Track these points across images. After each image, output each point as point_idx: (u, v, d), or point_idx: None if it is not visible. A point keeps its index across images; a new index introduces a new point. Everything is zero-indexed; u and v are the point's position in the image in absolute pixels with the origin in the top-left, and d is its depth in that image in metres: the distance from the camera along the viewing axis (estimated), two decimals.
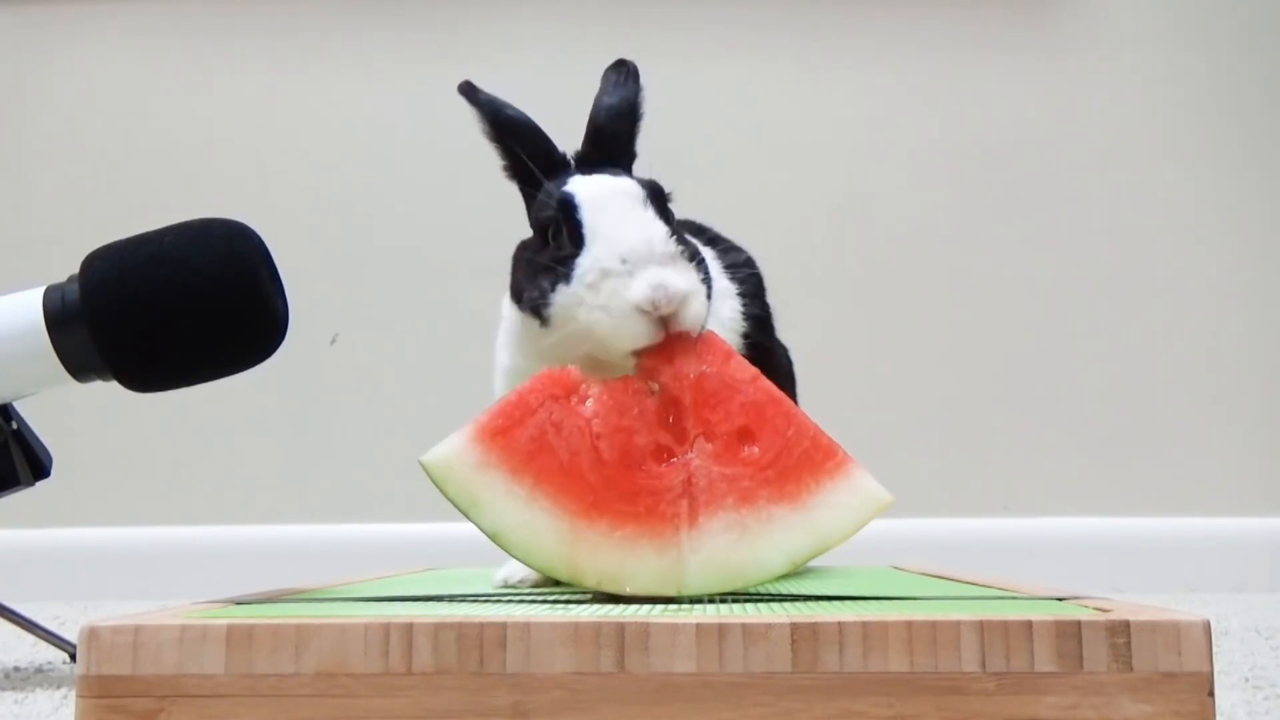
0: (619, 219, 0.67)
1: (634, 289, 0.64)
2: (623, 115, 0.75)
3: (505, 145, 0.73)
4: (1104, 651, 0.46)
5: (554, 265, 0.67)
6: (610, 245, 0.66)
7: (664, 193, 0.71)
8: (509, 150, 0.73)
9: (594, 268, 0.65)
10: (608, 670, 0.47)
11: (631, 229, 0.66)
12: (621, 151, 0.75)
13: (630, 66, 0.78)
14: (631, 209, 0.67)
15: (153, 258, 0.76)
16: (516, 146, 0.73)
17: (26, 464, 0.86)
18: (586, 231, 0.67)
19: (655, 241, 0.66)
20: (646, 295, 0.63)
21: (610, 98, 0.76)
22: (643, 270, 0.64)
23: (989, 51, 1.83)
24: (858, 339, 1.75)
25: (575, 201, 0.68)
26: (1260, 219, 1.79)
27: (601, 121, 0.75)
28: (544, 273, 0.68)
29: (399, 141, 1.82)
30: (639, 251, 0.65)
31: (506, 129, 0.73)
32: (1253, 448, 1.74)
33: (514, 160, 0.73)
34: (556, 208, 0.68)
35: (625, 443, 0.61)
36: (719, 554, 0.59)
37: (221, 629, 0.48)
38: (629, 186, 0.69)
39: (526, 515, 0.59)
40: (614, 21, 1.82)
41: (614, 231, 0.66)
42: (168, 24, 1.85)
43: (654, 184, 0.71)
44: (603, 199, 0.68)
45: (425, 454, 0.61)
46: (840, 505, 0.60)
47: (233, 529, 1.72)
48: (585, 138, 0.75)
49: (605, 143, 0.74)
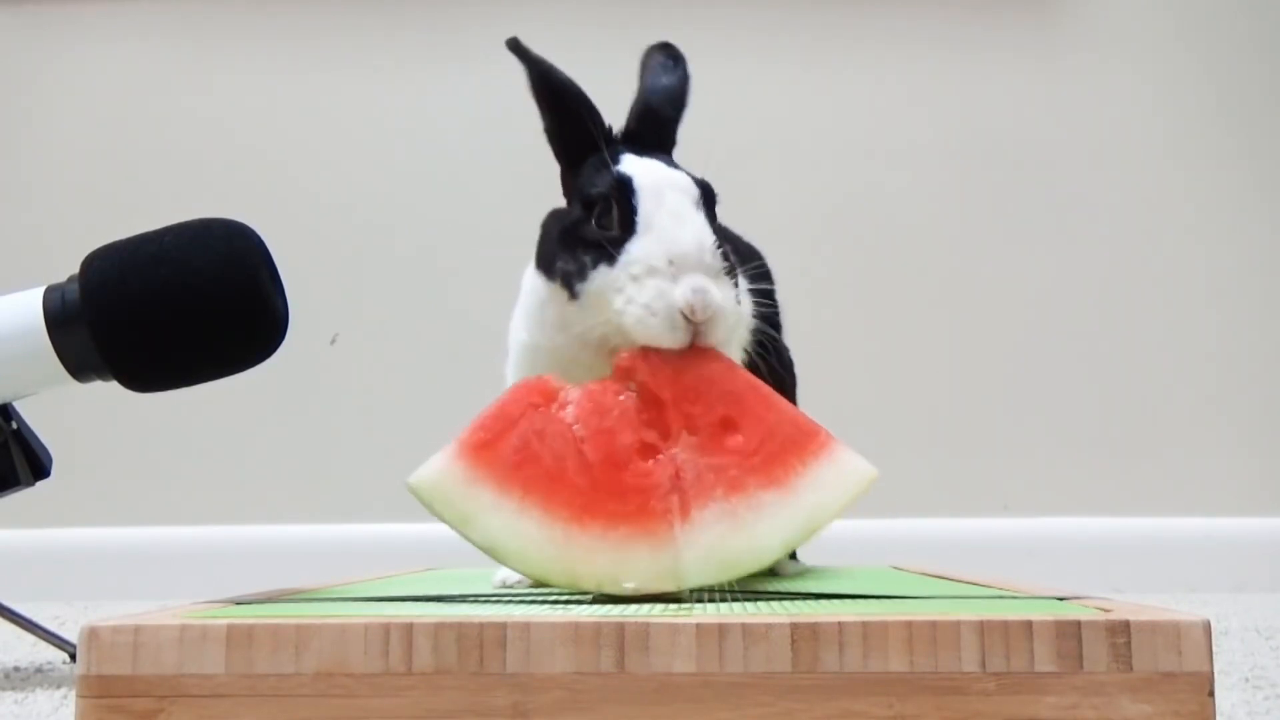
0: (673, 216, 0.66)
1: (678, 292, 0.63)
2: (673, 99, 0.75)
3: (551, 108, 0.72)
4: (1104, 651, 0.46)
5: (601, 244, 0.67)
6: (662, 242, 0.65)
7: (715, 196, 0.70)
8: (554, 114, 0.72)
9: (643, 259, 0.65)
10: (608, 670, 0.47)
11: (685, 230, 0.66)
12: (668, 136, 0.74)
13: (677, 51, 0.77)
14: (686, 207, 0.67)
15: (153, 258, 0.76)
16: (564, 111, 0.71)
17: (26, 464, 0.86)
18: (640, 220, 0.66)
19: (705, 250, 0.65)
20: (688, 300, 0.63)
21: (665, 79, 0.75)
22: (687, 276, 0.64)
23: (989, 51, 1.83)
24: (857, 338, 1.75)
25: (633, 185, 0.67)
26: (1260, 219, 1.79)
27: (654, 103, 0.74)
28: (587, 248, 0.67)
29: (399, 141, 1.82)
30: (689, 256, 0.65)
31: (556, 92, 0.71)
32: (1252, 448, 1.74)
33: (558, 125, 0.72)
34: (613, 186, 0.67)
35: (610, 444, 0.61)
36: (714, 545, 0.59)
37: (221, 629, 0.48)
38: (685, 182, 0.69)
39: (519, 526, 0.59)
40: (614, 21, 1.82)
41: (667, 228, 0.66)
42: (168, 24, 1.85)
43: (707, 185, 0.70)
44: (660, 190, 0.67)
45: (411, 476, 0.60)
46: (828, 484, 0.60)
47: (233, 529, 1.72)
48: (633, 115, 0.74)
49: (654, 124, 0.74)
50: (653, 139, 0.73)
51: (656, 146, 0.73)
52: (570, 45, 1.80)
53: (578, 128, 0.71)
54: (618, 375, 0.64)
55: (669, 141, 0.75)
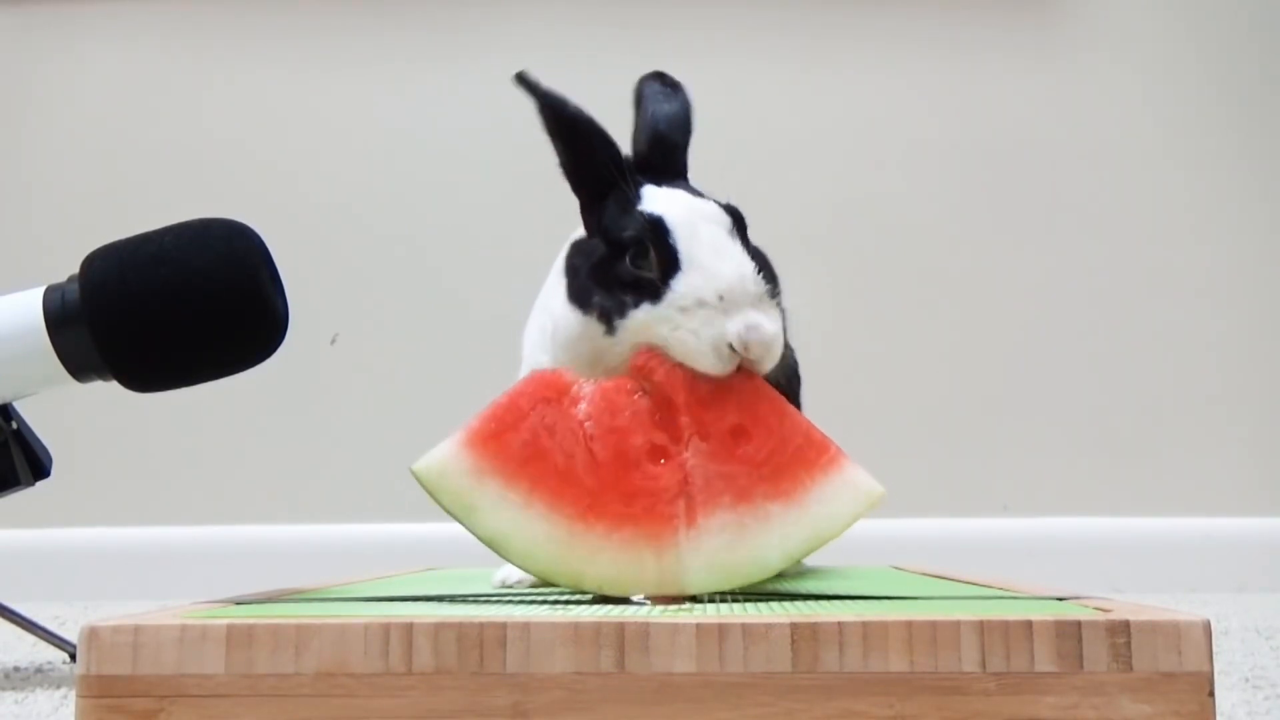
0: (713, 250, 0.65)
1: (730, 327, 0.63)
2: (679, 125, 0.74)
3: (565, 142, 0.71)
4: (1104, 651, 0.46)
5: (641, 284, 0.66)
6: (707, 278, 0.64)
7: (744, 220, 0.70)
8: (568, 148, 0.71)
9: (691, 294, 0.64)
10: (608, 670, 0.47)
11: (727, 263, 0.65)
12: (679, 162, 0.74)
13: (672, 80, 0.77)
14: (722, 239, 0.66)
15: (153, 258, 0.76)
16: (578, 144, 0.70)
17: (26, 464, 0.86)
18: (683, 259, 0.65)
19: (749, 280, 0.65)
20: (741, 336, 0.63)
21: (665, 106, 0.74)
22: (738, 311, 0.64)
23: (988, 51, 1.83)
24: (857, 338, 1.75)
25: (666, 225, 0.66)
26: (1260, 219, 1.79)
27: (663, 129, 0.73)
28: (625, 288, 0.66)
29: (400, 141, 1.82)
30: (735, 290, 0.64)
31: (569, 126, 0.70)
32: (1253, 448, 1.74)
33: (573, 159, 0.71)
34: (646, 228, 0.66)
35: (620, 444, 0.61)
36: (719, 553, 0.59)
37: (221, 629, 0.48)
38: (715, 213, 0.68)
39: (523, 521, 0.59)
40: (614, 22, 1.82)
41: (710, 263, 0.65)
42: (168, 24, 1.85)
43: (736, 210, 0.69)
44: (693, 225, 0.66)
45: (416, 462, 0.60)
46: (835, 500, 0.60)
47: (233, 529, 1.72)
48: (644, 141, 0.73)
49: (665, 150, 0.73)
50: (666, 165, 0.72)
51: (671, 173, 0.72)
52: (572, 46, 1.81)
53: (593, 160, 0.70)
54: (633, 373, 0.64)
55: (682, 167, 0.74)
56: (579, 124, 0.70)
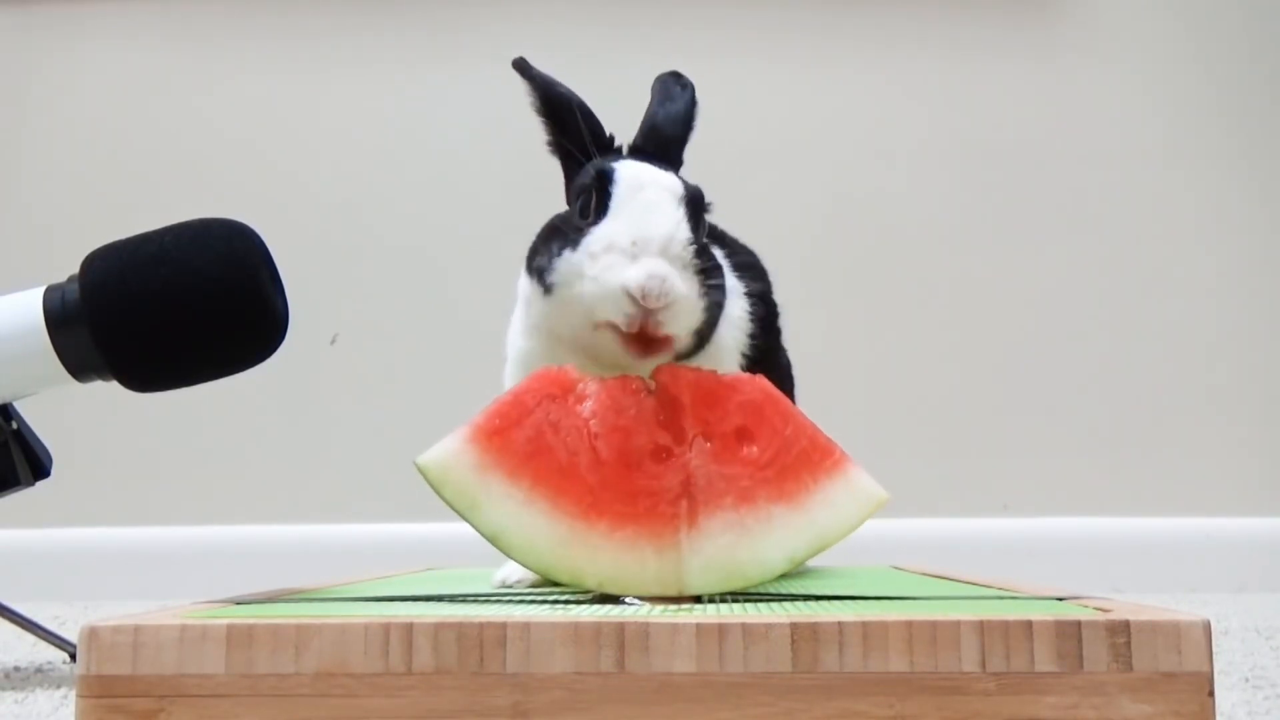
0: (645, 206, 0.66)
1: (630, 271, 0.63)
2: (680, 122, 0.75)
3: (555, 121, 0.72)
4: (1104, 651, 0.46)
5: (569, 231, 0.67)
6: (626, 226, 0.65)
7: (704, 201, 0.70)
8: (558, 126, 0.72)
9: (603, 238, 0.65)
10: (608, 670, 0.47)
11: (654, 218, 0.65)
12: (673, 153, 0.75)
13: (685, 80, 0.78)
14: (664, 202, 0.66)
15: (153, 258, 0.76)
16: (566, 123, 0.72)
17: (27, 464, 0.86)
18: (612, 205, 0.66)
19: (673, 241, 0.65)
20: (639, 282, 0.63)
21: (672, 104, 0.75)
22: (647, 259, 0.63)
23: (987, 51, 1.83)
24: (856, 339, 1.75)
25: (613, 176, 0.67)
26: (1259, 219, 1.79)
27: (659, 121, 0.75)
28: (558, 237, 0.67)
29: (400, 141, 1.82)
30: (651, 241, 0.64)
31: (559, 105, 0.72)
32: (1253, 448, 1.74)
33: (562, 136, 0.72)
34: (593, 177, 0.68)
35: (624, 443, 0.61)
36: (720, 554, 0.59)
37: (221, 629, 0.48)
38: (671, 182, 0.68)
39: (525, 517, 0.59)
40: (614, 23, 1.82)
41: (635, 215, 0.65)
42: (168, 24, 1.85)
43: (698, 191, 0.69)
44: (640, 183, 0.67)
45: (421, 456, 0.60)
46: (838, 504, 0.60)
47: (233, 529, 1.72)
48: (640, 132, 0.75)
49: (659, 141, 0.74)
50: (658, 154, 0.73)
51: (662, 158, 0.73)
52: (572, 45, 1.81)
53: (579, 138, 0.71)
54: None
55: (674, 159, 0.75)
56: (564, 103, 0.72)
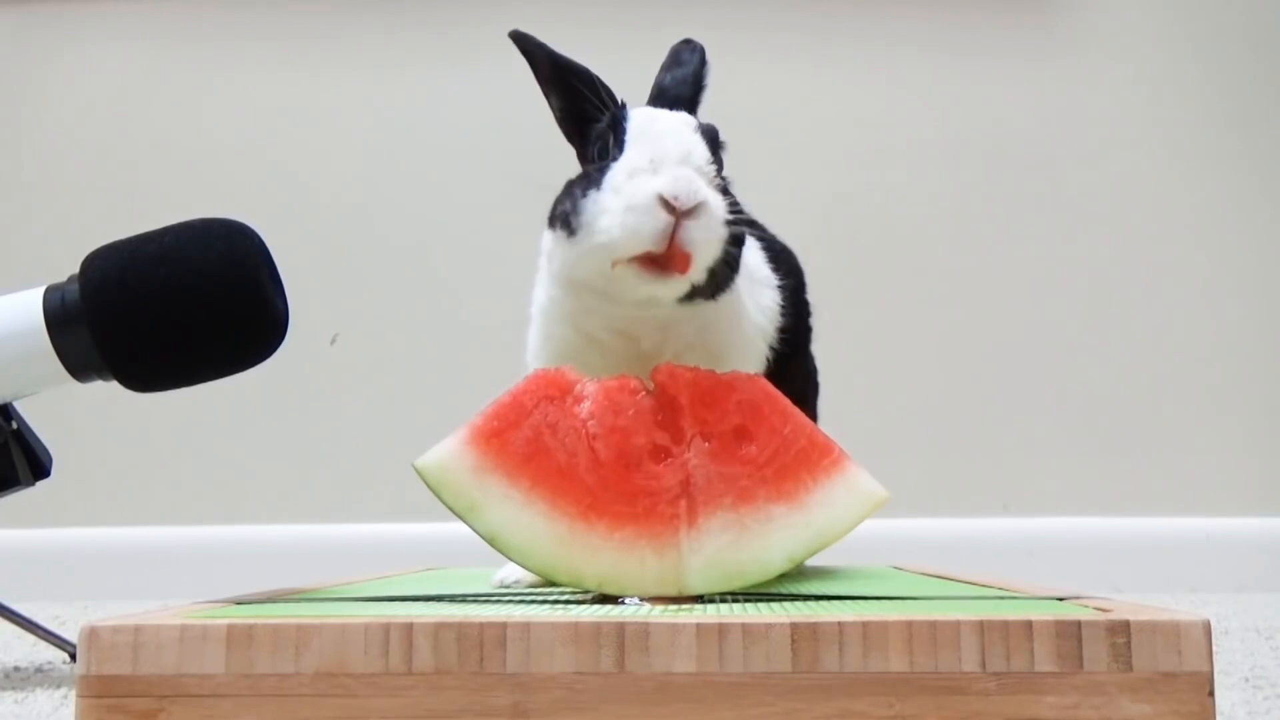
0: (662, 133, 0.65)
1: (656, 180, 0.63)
2: (686, 82, 0.75)
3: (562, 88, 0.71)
4: (1104, 651, 0.46)
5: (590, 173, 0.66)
6: (646, 150, 0.64)
7: (719, 138, 0.69)
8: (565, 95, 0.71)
9: (624, 169, 0.64)
10: (608, 670, 0.47)
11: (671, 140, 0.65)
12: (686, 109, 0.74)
13: (697, 45, 0.78)
14: (679, 129, 0.66)
15: (153, 257, 0.76)
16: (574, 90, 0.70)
17: (27, 464, 0.86)
18: (628, 139, 0.65)
19: (693, 155, 0.64)
20: (669, 186, 0.62)
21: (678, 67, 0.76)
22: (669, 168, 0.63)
23: (986, 51, 1.83)
24: (857, 338, 1.75)
25: (627, 114, 0.67)
26: (1260, 218, 1.79)
27: (667, 84, 0.75)
28: (579, 182, 0.67)
29: (400, 141, 1.82)
30: (671, 155, 0.64)
31: (564, 71, 0.71)
32: (1253, 447, 1.74)
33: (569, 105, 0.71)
34: (608, 121, 0.67)
35: (622, 443, 0.61)
36: (719, 554, 0.59)
37: (222, 629, 0.48)
38: (685, 117, 0.68)
39: (524, 518, 0.59)
40: (614, 22, 1.82)
41: (654, 141, 0.65)
42: (168, 24, 1.85)
43: (712, 127, 0.69)
44: (654, 116, 0.67)
45: (419, 458, 0.60)
46: (838, 503, 0.60)
47: (233, 529, 1.72)
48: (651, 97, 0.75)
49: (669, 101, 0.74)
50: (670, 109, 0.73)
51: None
52: (571, 44, 1.80)
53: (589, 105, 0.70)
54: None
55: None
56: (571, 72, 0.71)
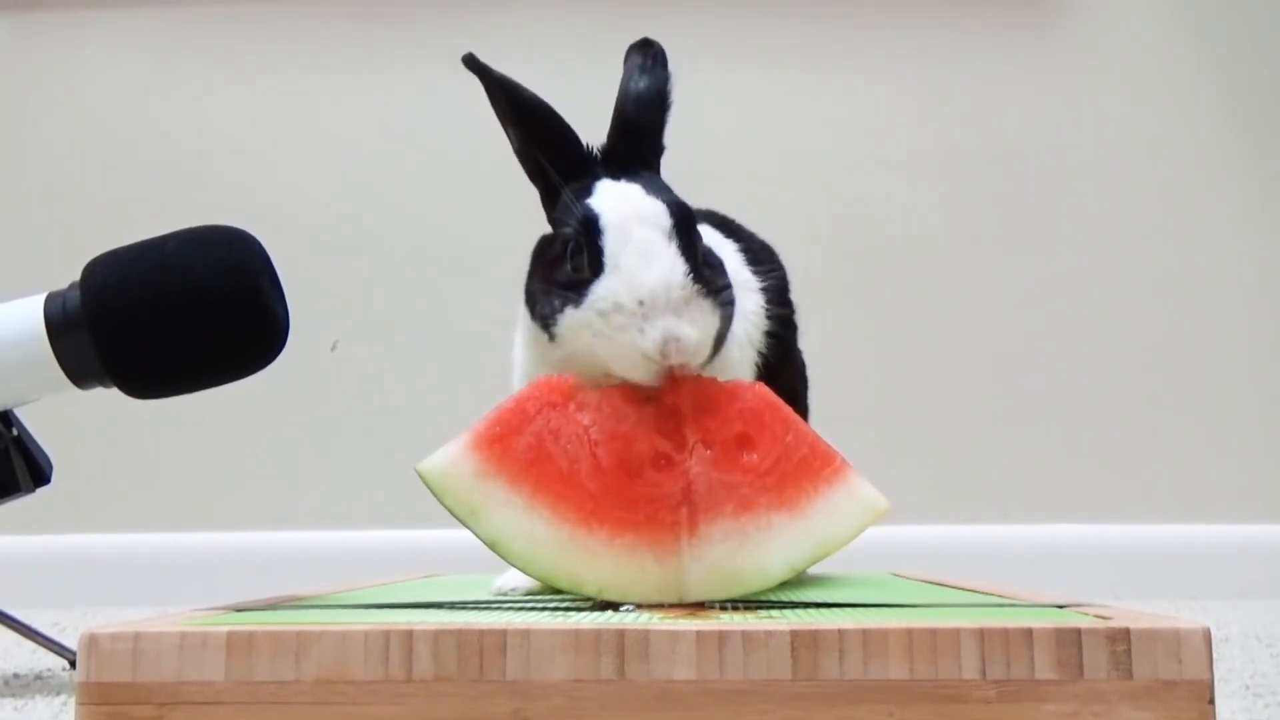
0: (639, 253, 0.64)
1: (646, 338, 0.62)
2: (652, 104, 0.71)
3: (520, 129, 0.68)
4: (1104, 659, 0.46)
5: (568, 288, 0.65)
6: (627, 282, 0.63)
7: (692, 218, 0.67)
8: (524, 135, 0.68)
9: (608, 298, 0.63)
10: (608, 677, 0.47)
11: (652, 268, 0.63)
12: (650, 146, 0.71)
13: (657, 48, 0.74)
14: (655, 242, 0.64)
15: (154, 265, 0.76)
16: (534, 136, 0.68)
17: (27, 470, 0.86)
18: (607, 260, 0.64)
19: (674, 286, 0.63)
20: (657, 346, 0.62)
21: (639, 83, 0.71)
22: (658, 318, 0.62)
23: (988, 57, 1.83)
24: (858, 345, 1.75)
25: (599, 225, 0.64)
26: (1260, 225, 1.80)
27: (630, 112, 0.71)
28: (561, 290, 0.66)
29: (400, 148, 1.82)
30: (657, 297, 0.62)
31: (524, 113, 0.68)
32: (1253, 454, 1.74)
33: (528, 147, 0.68)
34: (579, 227, 0.65)
35: (624, 450, 0.61)
36: (720, 562, 0.59)
37: (222, 636, 0.48)
38: (656, 212, 0.65)
39: (526, 524, 0.59)
40: (614, 28, 1.82)
41: (634, 268, 0.63)
42: (170, 31, 1.85)
43: (683, 208, 0.67)
44: (626, 226, 0.64)
45: (422, 462, 0.60)
46: (839, 512, 0.60)
47: (233, 535, 1.72)
48: (612, 129, 0.71)
49: (634, 136, 0.70)
50: (634, 153, 0.70)
51: (638, 161, 0.70)
52: (572, 51, 1.81)
53: (550, 149, 0.68)
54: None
55: (653, 151, 0.72)
56: (536, 112, 0.68)
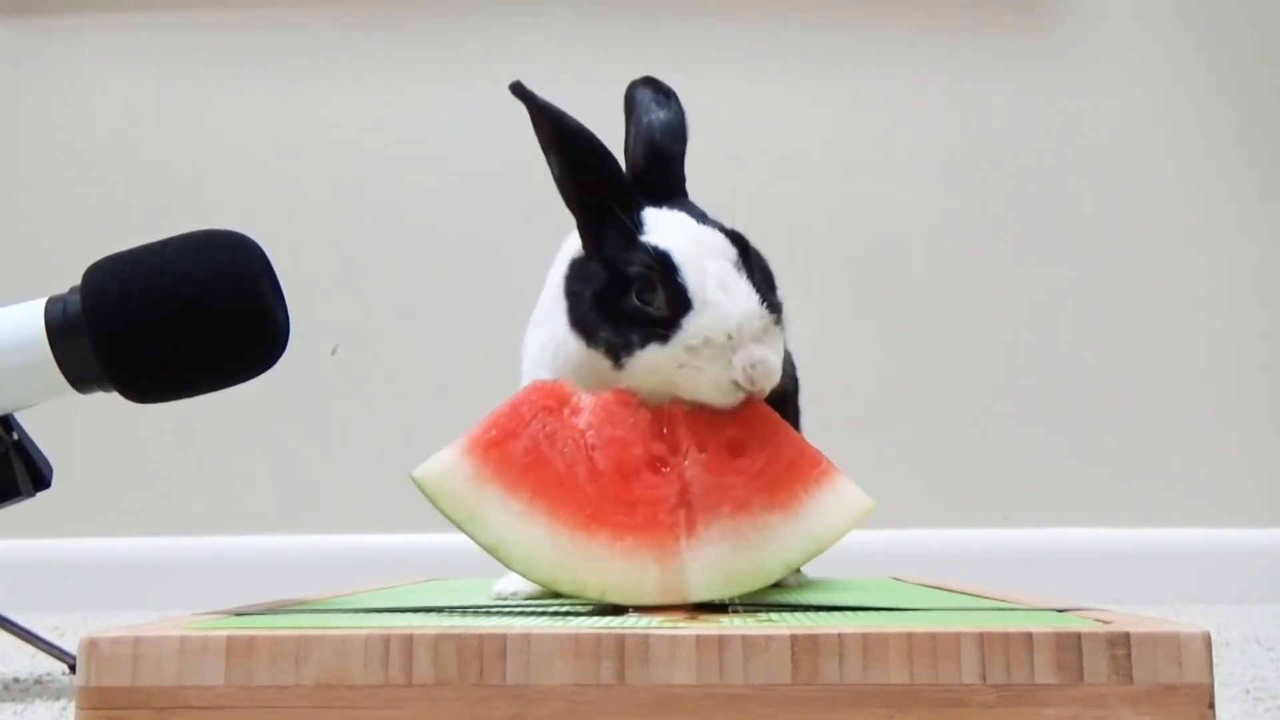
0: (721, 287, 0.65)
1: (737, 364, 0.64)
2: (676, 135, 0.73)
3: (564, 159, 0.69)
4: (1104, 663, 0.46)
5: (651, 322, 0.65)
6: (717, 318, 0.64)
7: (749, 246, 0.69)
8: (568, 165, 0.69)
9: (700, 335, 0.64)
10: (608, 682, 0.47)
11: (735, 301, 0.65)
12: (677, 175, 0.73)
13: (664, 86, 0.75)
14: (729, 274, 0.66)
15: (154, 269, 0.76)
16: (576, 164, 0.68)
17: (27, 474, 0.86)
18: (694, 298, 0.65)
19: (755, 317, 0.65)
20: (747, 373, 0.64)
21: (663, 114, 0.72)
22: (745, 348, 0.64)
23: (986, 60, 1.83)
24: (856, 348, 1.75)
25: (674, 261, 0.65)
26: (1260, 228, 1.80)
27: (659, 141, 0.72)
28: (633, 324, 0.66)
29: (401, 152, 1.83)
30: (744, 330, 0.64)
31: (569, 141, 0.68)
32: (1253, 458, 1.74)
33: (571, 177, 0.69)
34: (654, 264, 0.65)
35: (620, 454, 0.61)
36: (719, 562, 0.59)
37: (221, 640, 0.48)
38: (721, 245, 0.67)
39: (525, 529, 0.59)
40: (614, 34, 1.83)
41: (719, 302, 0.65)
42: (170, 36, 1.85)
43: (740, 237, 0.68)
44: (701, 261, 0.66)
45: (417, 468, 0.60)
46: (829, 511, 0.62)
47: (233, 539, 1.72)
48: (641, 157, 0.71)
49: (662, 164, 0.72)
50: (664, 182, 0.71)
51: (670, 189, 0.71)
52: (570, 57, 1.81)
53: (592, 179, 0.68)
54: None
55: (680, 181, 0.73)
56: (580, 140, 0.68)
